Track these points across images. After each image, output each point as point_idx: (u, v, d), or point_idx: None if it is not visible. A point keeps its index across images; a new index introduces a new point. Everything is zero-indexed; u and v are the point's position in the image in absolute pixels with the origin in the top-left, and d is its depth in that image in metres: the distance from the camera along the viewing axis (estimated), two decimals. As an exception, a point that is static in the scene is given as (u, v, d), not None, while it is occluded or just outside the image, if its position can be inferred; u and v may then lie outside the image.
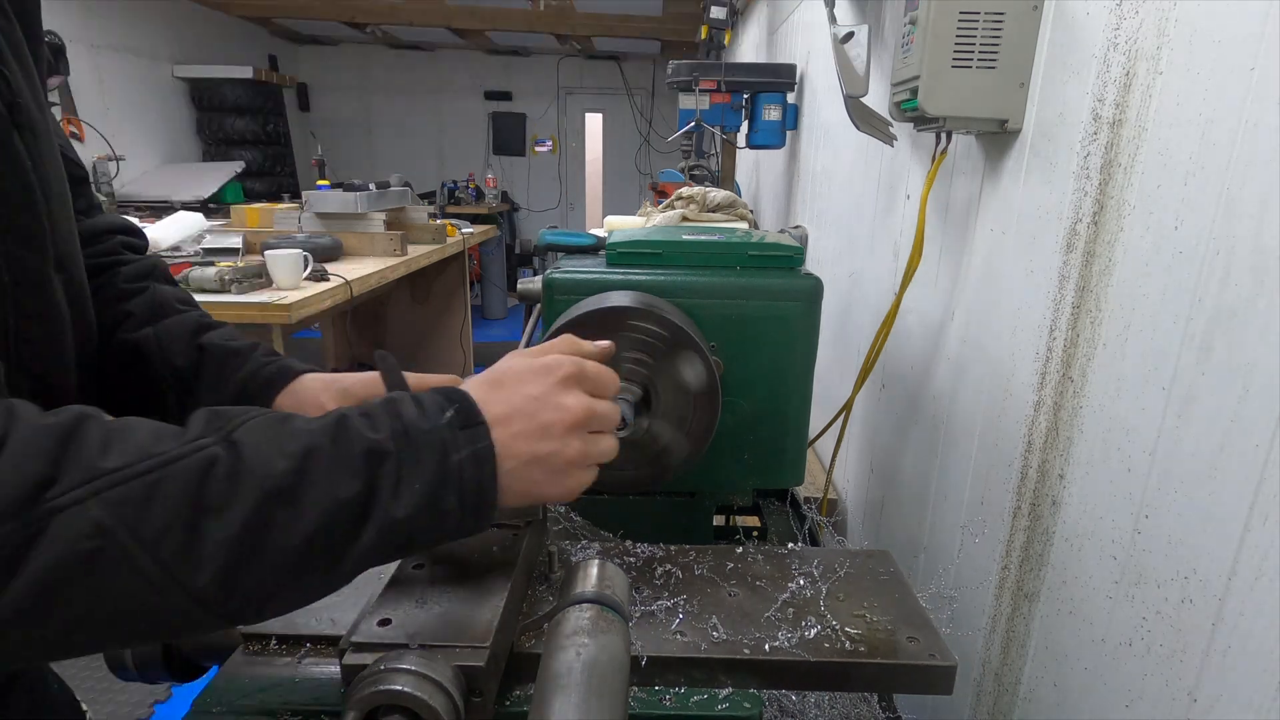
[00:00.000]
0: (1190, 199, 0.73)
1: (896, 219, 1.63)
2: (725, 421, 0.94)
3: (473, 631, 0.56)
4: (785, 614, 0.68)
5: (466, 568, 0.65)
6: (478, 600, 0.60)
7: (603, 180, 8.79)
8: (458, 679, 0.52)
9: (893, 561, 0.79)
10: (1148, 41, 0.80)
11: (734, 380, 0.99)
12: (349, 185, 3.61)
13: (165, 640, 0.67)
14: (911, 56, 1.09)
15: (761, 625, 0.67)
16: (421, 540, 0.48)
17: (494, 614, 0.58)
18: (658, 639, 0.64)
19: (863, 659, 0.63)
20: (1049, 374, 0.97)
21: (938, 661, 0.63)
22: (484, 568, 0.65)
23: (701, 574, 0.75)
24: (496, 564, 0.66)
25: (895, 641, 0.65)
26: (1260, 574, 0.62)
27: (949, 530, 1.30)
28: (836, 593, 0.72)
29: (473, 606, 0.59)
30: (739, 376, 1.00)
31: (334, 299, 2.66)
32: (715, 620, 0.66)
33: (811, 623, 0.67)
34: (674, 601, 0.69)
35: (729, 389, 0.98)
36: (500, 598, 0.60)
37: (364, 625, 0.57)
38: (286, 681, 0.61)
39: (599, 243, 1.29)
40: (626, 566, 0.76)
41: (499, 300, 7.53)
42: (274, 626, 0.65)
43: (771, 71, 2.88)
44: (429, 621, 0.57)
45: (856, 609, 0.70)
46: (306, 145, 7.87)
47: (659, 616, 0.68)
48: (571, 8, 6.17)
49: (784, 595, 0.71)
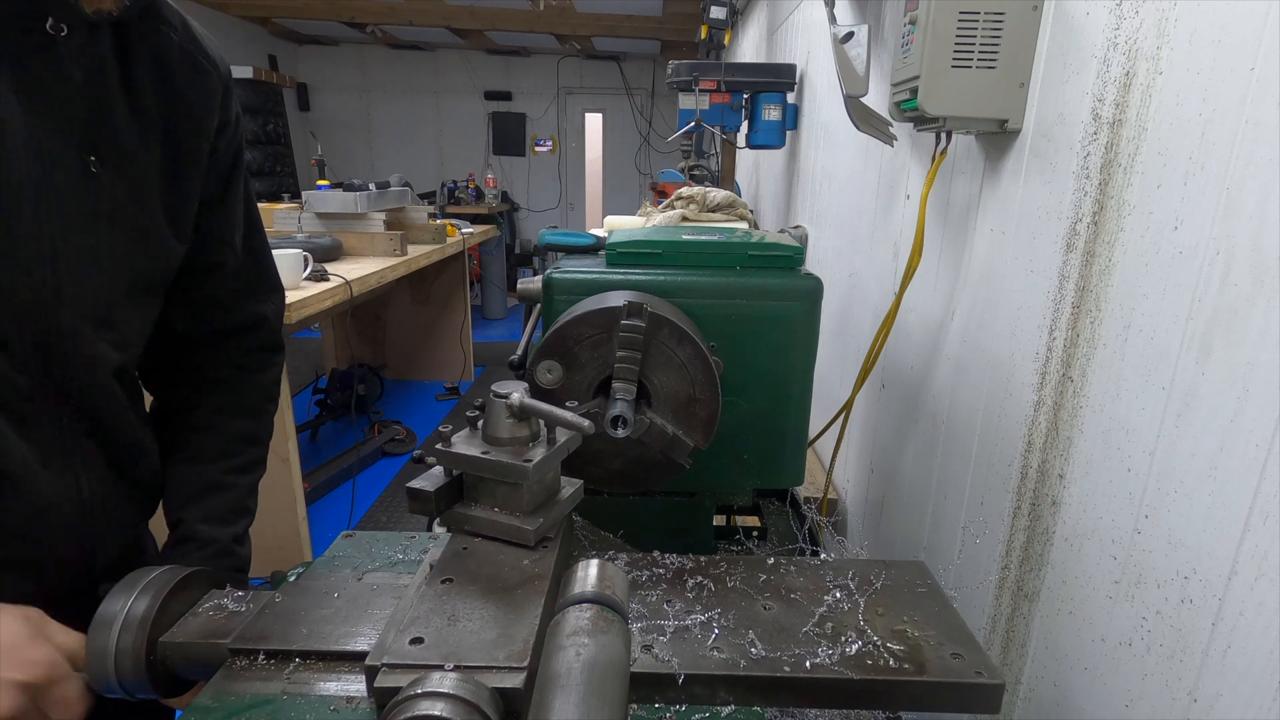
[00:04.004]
0: (1190, 199, 0.73)
1: (896, 219, 1.63)
2: (725, 421, 0.94)
3: (509, 650, 0.55)
4: (824, 629, 0.66)
5: (496, 583, 0.63)
6: (511, 617, 0.59)
7: (603, 180, 8.80)
8: (495, 701, 0.50)
9: (929, 573, 0.77)
10: (1148, 41, 0.80)
11: (734, 380, 0.99)
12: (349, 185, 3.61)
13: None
14: (911, 56, 1.09)
15: (800, 641, 0.65)
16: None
17: (530, 632, 0.57)
18: (694, 655, 0.62)
19: (909, 677, 0.61)
20: (1049, 374, 0.97)
21: (985, 679, 0.61)
22: (514, 582, 0.64)
23: (734, 586, 0.73)
24: (527, 578, 0.64)
25: (940, 658, 0.63)
26: (1260, 574, 0.62)
27: (949, 530, 1.30)
28: (875, 606, 0.70)
29: (506, 624, 0.58)
30: (739, 376, 1.00)
31: (334, 299, 2.66)
32: (752, 635, 0.64)
33: (852, 638, 0.64)
34: (708, 615, 0.67)
35: (729, 389, 0.98)
36: (535, 614, 0.59)
37: (395, 644, 0.56)
38: (275, 698, 0.59)
39: (599, 243, 1.29)
40: (656, 578, 0.74)
41: (499, 300, 7.53)
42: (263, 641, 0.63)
43: (771, 71, 2.88)
44: (462, 640, 0.56)
45: (896, 623, 0.68)
46: (306, 145, 7.86)
47: (694, 631, 0.65)
48: (571, 8, 6.17)
49: (820, 609, 0.69)
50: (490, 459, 0.69)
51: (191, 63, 0.80)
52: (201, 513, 0.91)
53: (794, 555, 1.24)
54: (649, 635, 0.65)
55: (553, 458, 0.71)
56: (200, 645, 0.65)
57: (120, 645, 0.62)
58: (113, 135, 0.73)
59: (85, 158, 0.71)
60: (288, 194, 6.25)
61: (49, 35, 0.67)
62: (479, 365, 5.67)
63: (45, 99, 0.67)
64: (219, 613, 0.69)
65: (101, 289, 0.75)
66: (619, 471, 0.97)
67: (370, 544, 0.84)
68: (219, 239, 0.90)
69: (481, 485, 0.72)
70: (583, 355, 0.91)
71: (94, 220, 0.73)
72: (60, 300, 0.70)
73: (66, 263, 0.70)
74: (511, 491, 0.70)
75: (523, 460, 0.68)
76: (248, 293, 0.96)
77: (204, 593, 0.72)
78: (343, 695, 0.59)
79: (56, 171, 0.69)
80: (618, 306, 0.89)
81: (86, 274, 0.73)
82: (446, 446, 0.71)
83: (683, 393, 0.91)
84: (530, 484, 0.69)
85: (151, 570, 0.68)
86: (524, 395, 0.70)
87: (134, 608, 0.64)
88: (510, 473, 0.68)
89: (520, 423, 0.71)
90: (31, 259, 0.68)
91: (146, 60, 0.76)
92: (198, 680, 0.67)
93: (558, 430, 0.72)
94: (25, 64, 0.66)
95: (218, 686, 0.60)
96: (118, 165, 0.74)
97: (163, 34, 0.77)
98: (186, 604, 0.69)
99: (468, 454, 0.70)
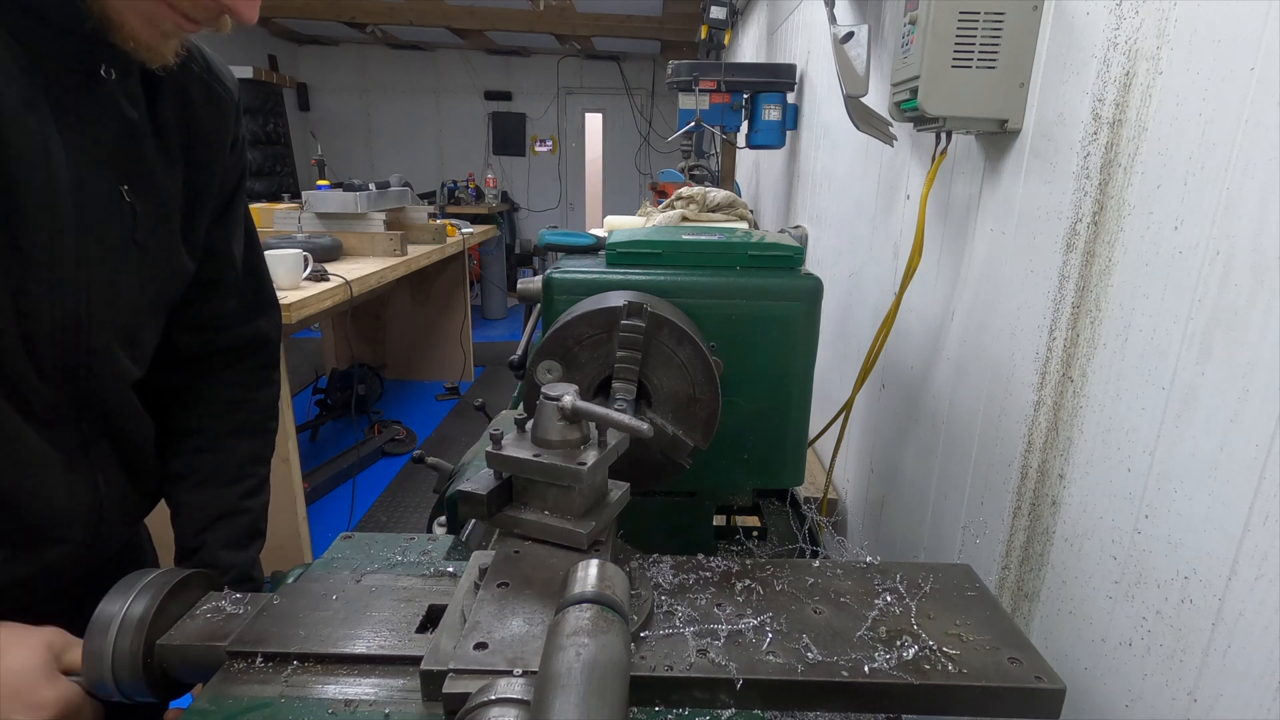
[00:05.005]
0: (1190, 199, 0.73)
1: (896, 219, 1.63)
2: (725, 421, 0.94)
3: None
4: (878, 633, 0.66)
5: (551, 586, 0.63)
6: None
7: (603, 180, 8.79)
8: None
9: (976, 576, 0.77)
10: (1148, 41, 0.80)
11: (734, 380, 0.99)
12: (349, 185, 3.61)
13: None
14: (911, 56, 1.09)
15: (855, 645, 0.64)
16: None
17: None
18: (750, 660, 0.62)
19: (969, 682, 0.61)
20: (1049, 374, 0.97)
21: (1045, 684, 0.61)
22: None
23: (782, 590, 0.73)
24: None
25: (997, 663, 0.63)
26: (1260, 574, 0.62)
27: (949, 530, 1.30)
28: (926, 610, 0.70)
29: None
30: (739, 376, 1.00)
31: (334, 299, 2.66)
32: (807, 640, 0.64)
33: (908, 643, 0.64)
34: (760, 619, 0.67)
35: (729, 389, 0.98)
36: None
37: (460, 649, 0.56)
38: (272, 701, 0.59)
39: (599, 243, 1.29)
40: (703, 581, 0.74)
41: (499, 300, 7.53)
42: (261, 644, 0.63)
43: (771, 71, 2.88)
44: (526, 645, 0.56)
45: (949, 628, 0.67)
46: (306, 145, 7.86)
47: (748, 636, 0.65)
48: (571, 8, 6.17)
49: (872, 613, 0.69)
50: (543, 462, 0.68)
51: (209, 92, 0.84)
52: (222, 539, 0.94)
53: (794, 555, 1.24)
54: (702, 640, 0.64)
55: (604, 460, 0.71)
56: (198, 648, 0.65)
57: (118, 648, 0.62)
58: (143, 165, 0.76)
59: (119, 188, 0.74)
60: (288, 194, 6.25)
61: (99, 79, 0.70)
62: (479, 365, 5.67)
63: (86, 135, 0.70)
64: (217, 615, 0.69)
65: (128, 311, 0.78)
66: (619, 471, 0.96)
67: (369, 546, 0.84)
68: (221, 254, 0.92)
69: (532, 488, 0.72)
70: (583, 355, 0.91)
71: (126, 247, 0.76)
72: (91, 324, 0.74)
73: (100, 289, 0.74)
74: (563, 494, 0.70)
75: (576, 463, 0.68)
76: (248, 309, 0.98)
77: (202, 595, 0.72)
78: (341, 698, 0.59)
79: (94, 202, 0.71)
80: (618, 306, 0.89)
81: (117, 298, 0.76)
82: (497, 449, 0.70)
83: (683, 393, 0.91)
84: (583, 487, 0.69)
85: (149, 572, 0.68)
86: (575, 398, 0.69)
87: (131, 610, 0.64)
88: (564, 476, 0.68)
89: (571, 425, 0.70)
90: (68, 285, 0.71)
91: (170, 92, 0.79)
92: (195, 683, 0.67)
93: (608, 432, 0.72)
94: (72, 103, 0.69)
95: (215, 689, 0.60)
96: (147, 194, 0.77)
97: (185, 66, 0.80)
98: (184, 606, 0.69)
99: (520, 457, 0.69)
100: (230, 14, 0.70)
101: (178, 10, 0.67)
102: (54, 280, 0.69)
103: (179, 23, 0.68)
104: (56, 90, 0.67)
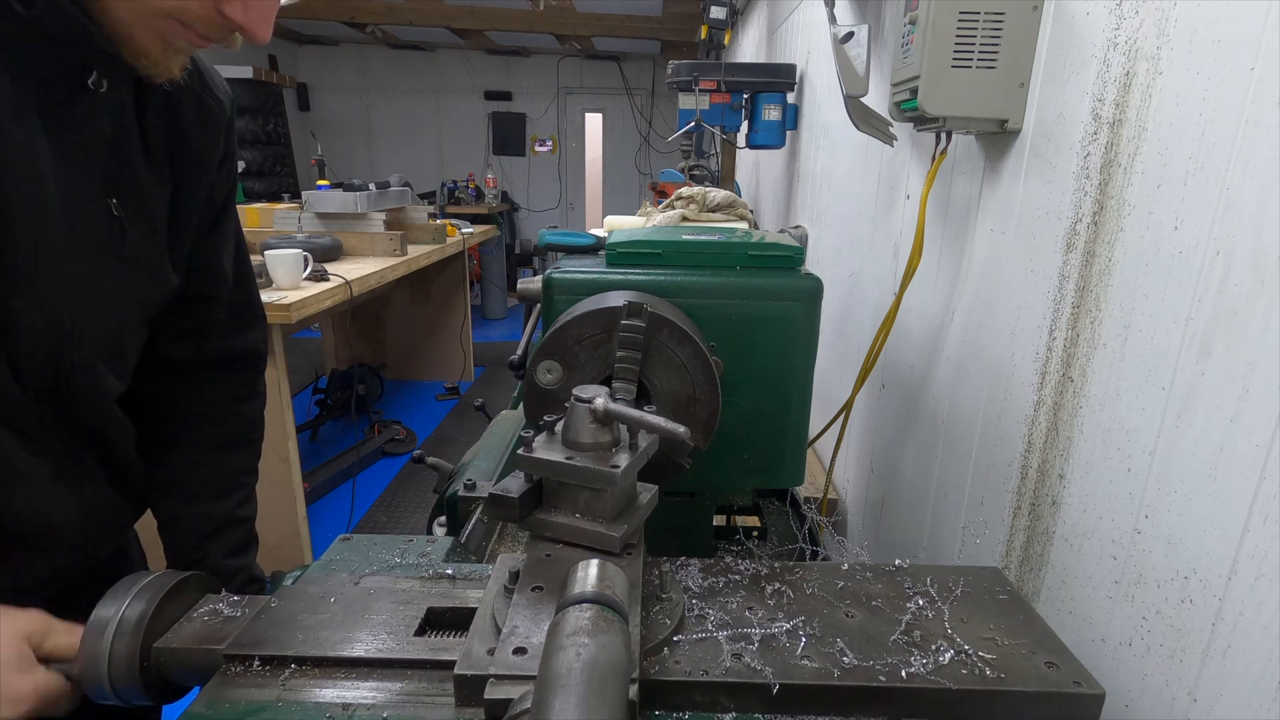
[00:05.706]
0: (1190, 199, 0.72)
1: (896, 219, 1.63)
2: (725, 421, 0.94)
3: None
4: (912, 637, 0.66)
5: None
6: None
7: (603, 180, 8.79)
8: None
9: (1006, 580, 0.77)
10: (1148, 41, 0.80)
11: (734, 380, 0.99)
12: (349, 185, 3.61)
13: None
14: (911, 56, 1.09)
15: (890, 649, 0.64)
16: None
17: (634, 642, 0.56)
18: (785, 665, 0.61)
19: (1008, 686, 0.60)
20: (1049, 374, 0.97)
21: (1084, 689, 0.60)
22: None
23: (813, 593, 0.72)
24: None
25: (1035, 667, 0.62)
26: (1260, 574, 0.62)
27: (949, 530, 1.30)
28: (959, 614, 0.69)
29: None
30: (739, 376, 1.00)
31: (334, 299, 2.66)
32: (841, 644, 0.64)
33: (943, 647, 0.64)
34: (793, 623, 0.67)
35: (729, 389, 0.98)
36: (633, 624, 0.58)
37: (499, 654, 0.55)
38: (269, 705, 0.58)
39: (599, 243, 1.29)
40: (733, 584, 0.73)
41: (499, 300, 7.53)
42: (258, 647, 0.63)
43: (771, 71, 2.88)
44: None
45: (984, 632, 0.67)
46: (306, 145, 7.86)
47: (781, 640, 0.65)
48: (571, 8, 6.17)
49: (905, 617, 0.68)
50: (577, 465, 0.68)
51: (199, 104, 0.84)
52: (224, 548, 0.96)
53: (794, 556, 1.24)
54: (736, 644, 0.64)
55: (637, 463, 0.70)
56: (194, 651, 0.64)
57: (114, 650, 0.62)
58: (132, 178, 0.76)
59: (108, 201, 0.73)
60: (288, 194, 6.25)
61: (89, 89, 0.69)
62: (479, 365, 5.67)
63: (75, 146, 0.69)
64: (214, 618, 0.69)
65: (112, 325, 0.78)
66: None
67: (368, 547, 0.83)
68: (211, 268, 0.92)
69: (563, 491, 0.71)
70: (583, 355, 0.91)
71: (114, 262, 0.75)
72: (77, 338, 0.73)
73: (86, 302, 0.73)
74: (595, 497, 0.69)
75: (609, 466, 0.67)
76: (237, 320, 0.98)
77: (199, 597, 0.72)
78: (339, 702, 0.59)
79: (82, 216, 0.71)
80: (618, 306, 0.89)
81: (103, 312, 0.76)
82: (529, 452, 0.70)
83: (683, 393, 0.91)
84: (616, 490, 0.68)
85: (146, 575, 0.68)
86: (607, 400, 0.69)
87: (128, 612, 0.64)
88: (597, 479, 0.67)
89: (603, 428, 0.70)
90: (54, 299, 0.70)
91: (159, 105, 0.79)
92: (192, 686, 0.67)
93: (639, 434, 0.71)
94: (61, 113, 0.68)
95: (212, 693, 0.60)
96: (135, 207, 0.77)
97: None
98: (181, 609, 0.69)
99: (552, 460, 0.69)
100: (242, 33, 0.69)
101: (191, 28, 0.67)
102: (38, 294, 0.68)
103: (191, 39, 0.68)
104: (46, 102, 0.66)
